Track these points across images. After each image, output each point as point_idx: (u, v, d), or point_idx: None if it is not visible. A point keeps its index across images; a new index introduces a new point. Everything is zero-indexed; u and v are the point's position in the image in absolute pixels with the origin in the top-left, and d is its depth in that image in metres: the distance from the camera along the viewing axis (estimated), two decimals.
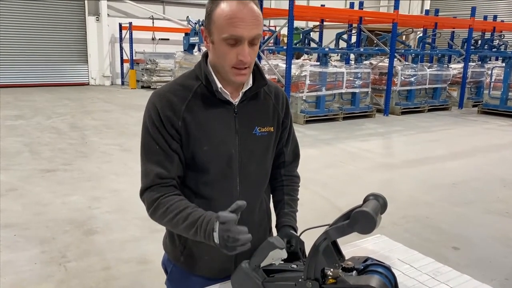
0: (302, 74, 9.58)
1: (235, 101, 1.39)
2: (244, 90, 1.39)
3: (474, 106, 12.91)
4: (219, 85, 1.35)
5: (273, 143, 1.50)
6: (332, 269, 1.20)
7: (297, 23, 15.48)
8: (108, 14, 16.85)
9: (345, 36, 13.15)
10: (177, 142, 1.35)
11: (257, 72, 1.42)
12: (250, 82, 1.40)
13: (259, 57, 10.01)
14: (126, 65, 17.05)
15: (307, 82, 9.59)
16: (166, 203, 1.32)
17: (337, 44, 13.02)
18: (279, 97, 1.52)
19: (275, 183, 1.62)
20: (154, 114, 1.33)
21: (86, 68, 17.01)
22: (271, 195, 1.64)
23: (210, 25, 1.28)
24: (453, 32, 15.75)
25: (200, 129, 1.35)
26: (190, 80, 1.39)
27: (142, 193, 1.37)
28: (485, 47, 15.19)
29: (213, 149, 1.37)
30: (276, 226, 1.55)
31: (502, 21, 16.69)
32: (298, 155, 1.66)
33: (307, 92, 9.67)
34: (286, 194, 1.60)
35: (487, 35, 15.78)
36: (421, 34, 15.22)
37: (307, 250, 1.25)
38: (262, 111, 1.46)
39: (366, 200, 1.21)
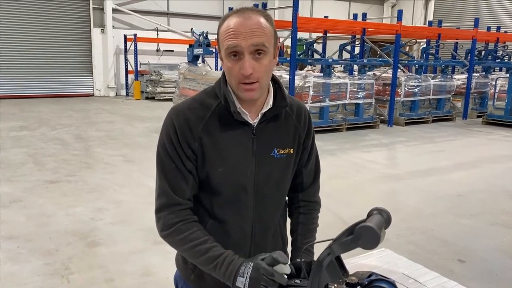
0: (305, 85, 9.60)
1: (254, 122, 1.35)
2: (263, 111, 1.34)
3: (478, 116, 12.87)
4: (238, 106, 1.31)
5: (293, 165, 1.44)
6: (336, 285, 1.19)
7: (301, 35, 15.53)
8: (113, 26, 17.02)
9: (348, 47, 13.20)
10: (193, 162, 1.33)
11: (279, 92, 1.36)
12: (271, 102, 1.35)
13: None
14: (131, 76, 17.17)
15: (311, 93, 9.61)
16: (184, 231, 1.32)
17: (340, 55, 13.08)
18: (301, 116, 1.45)
19: (292, 209, 1.58)
20: (172, 131, 1.31)
21: (91, 79, 17.14)
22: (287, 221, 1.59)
23: (218, 41, 1.28)
24: (457, 43, 15.76)
25: (215, 151, 1.32)
26: (209, 98, 1.35)
27: (159, 211, 1.35)
28: (489, 58, 15.20)
29: (228, 171, 1.33)
30: (291, 259, 1.49)
31: (506, 32, 16.70)
32: (318, 176, 1.58)
33: (310, 103, 9.68)
34: (301, 224, 1.55)
35: (491, 46, 15.80)
36: (424, 45, 15.25)
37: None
38: (282, 132, 1.40)
39: (370, 214, 1.19)
